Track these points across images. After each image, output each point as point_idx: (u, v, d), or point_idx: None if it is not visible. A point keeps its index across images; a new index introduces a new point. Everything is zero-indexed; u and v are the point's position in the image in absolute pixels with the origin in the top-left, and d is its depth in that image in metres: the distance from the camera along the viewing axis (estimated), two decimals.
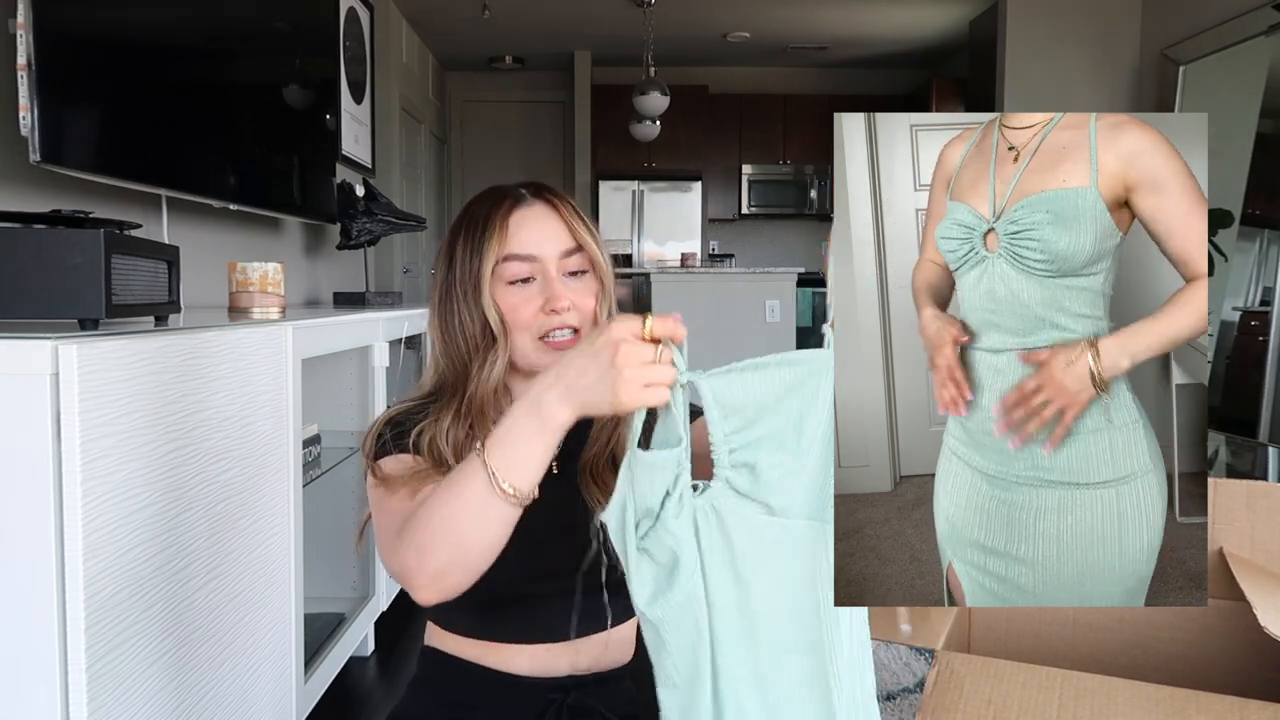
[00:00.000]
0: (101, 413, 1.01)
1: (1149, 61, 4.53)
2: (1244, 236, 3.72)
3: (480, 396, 0.96)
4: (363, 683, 2.07)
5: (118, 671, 1.04)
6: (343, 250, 3.11)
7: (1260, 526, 1.19)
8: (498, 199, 0.98)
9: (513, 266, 0.95)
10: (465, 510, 0.76)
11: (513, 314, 0.95)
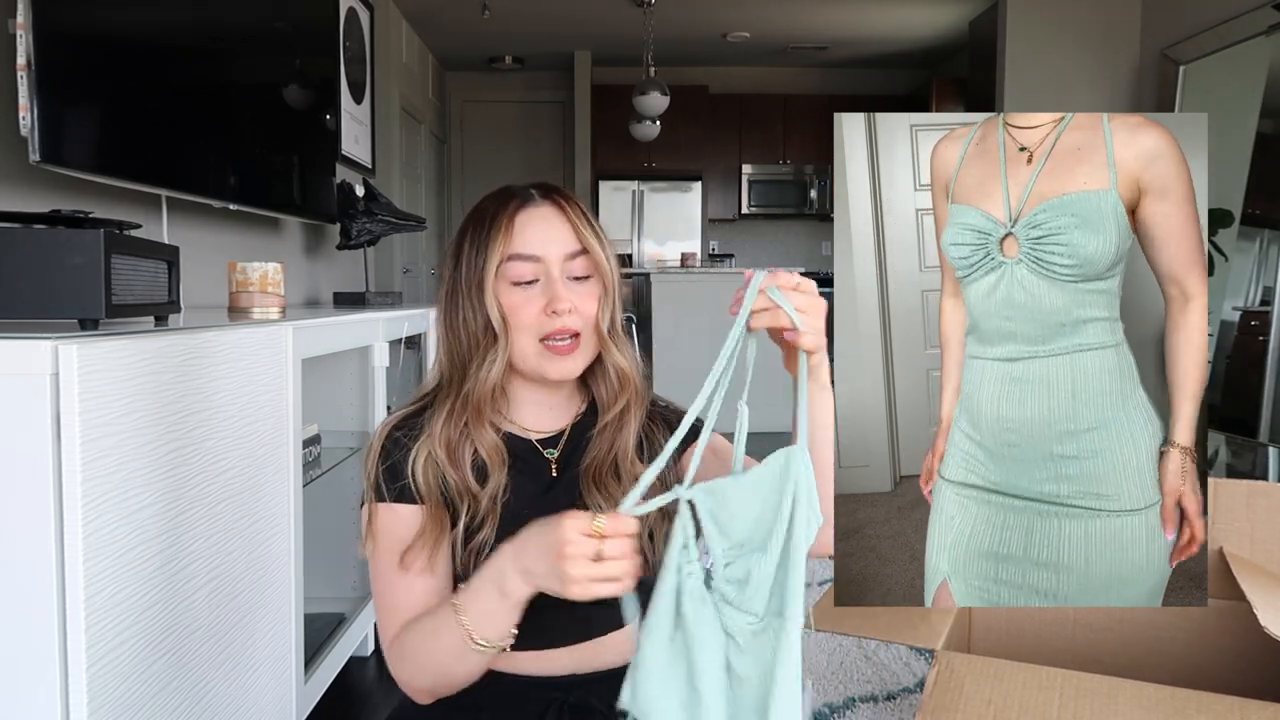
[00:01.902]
0: (101, 413, 1.01)
1: (1149, 61, 4.53)
2: (1244, 236, 3.72)
3: (477, 395, 0.96)
4: (363, 683, 2.07)
5: (118, 671, 1.04)
6: (343, 250, 3.11)
7: (1260, 526, 1.19)
8: (506, 198, 0.98)
9: (516, 266, 0.95)
10: (447, 654, 0.89)
11: (514, 314, 0.95)
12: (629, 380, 1.00)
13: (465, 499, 0.95)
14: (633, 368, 1.00)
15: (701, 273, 5.35)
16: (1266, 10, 3.57)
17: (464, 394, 0.96)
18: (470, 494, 0.95)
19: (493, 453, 0.96)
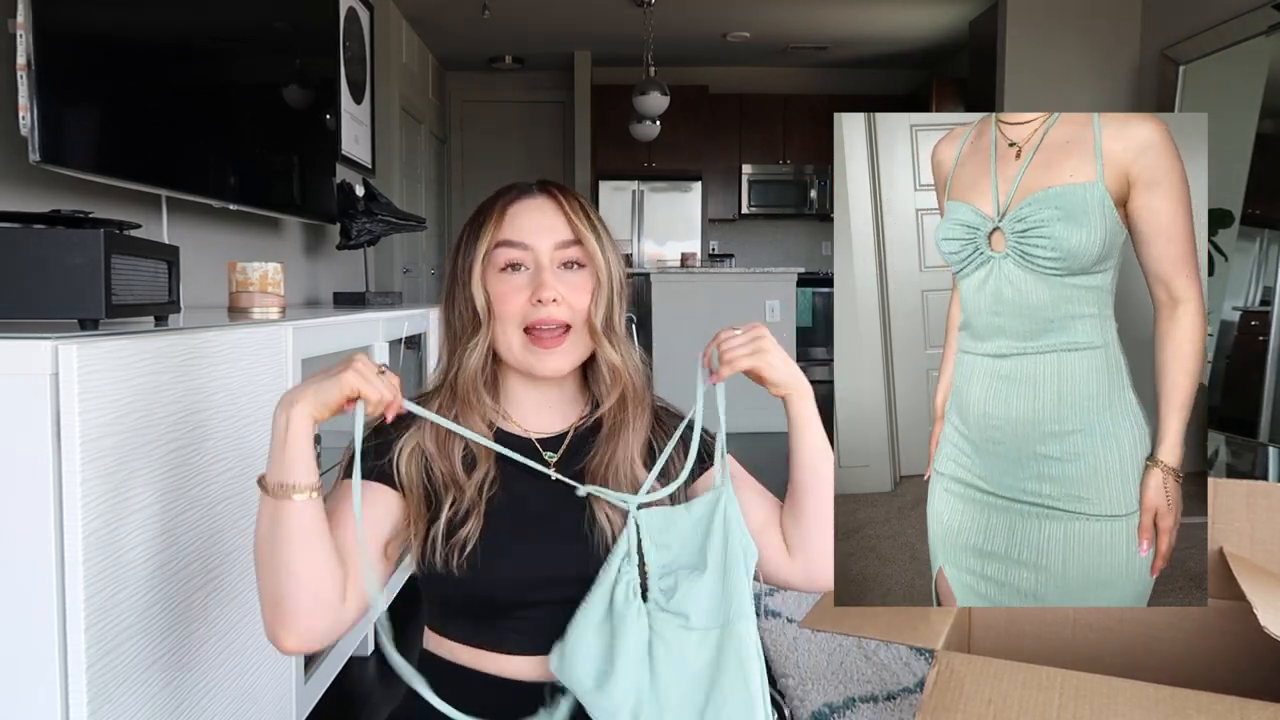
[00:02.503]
0: (101, 413, 1.00)
1: (1149, 61, 4.53)
2: (1244, 236, 3.72)
3: (462, 382, 0.95)
4: (363, 683, 2.07)
5: (118, 671, 1.04)
6: (343, 250, 3.11)
7: (1260, 526, 1.19)
8: (504, 191, 0.98)
9: (504, 252, 0.94)
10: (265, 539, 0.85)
11: (500, 302, 0.93)
12: (620, 377, 0.96)
13: (451, 490, 0.93)
14: (629, 367, 0.97)
15: (701, 273, 5.34)
16: (1266, 10, 3.57)
17: (449, 383, 0.96)
18: (456, 484, 0.93)
19: (479, 447, 0.95)
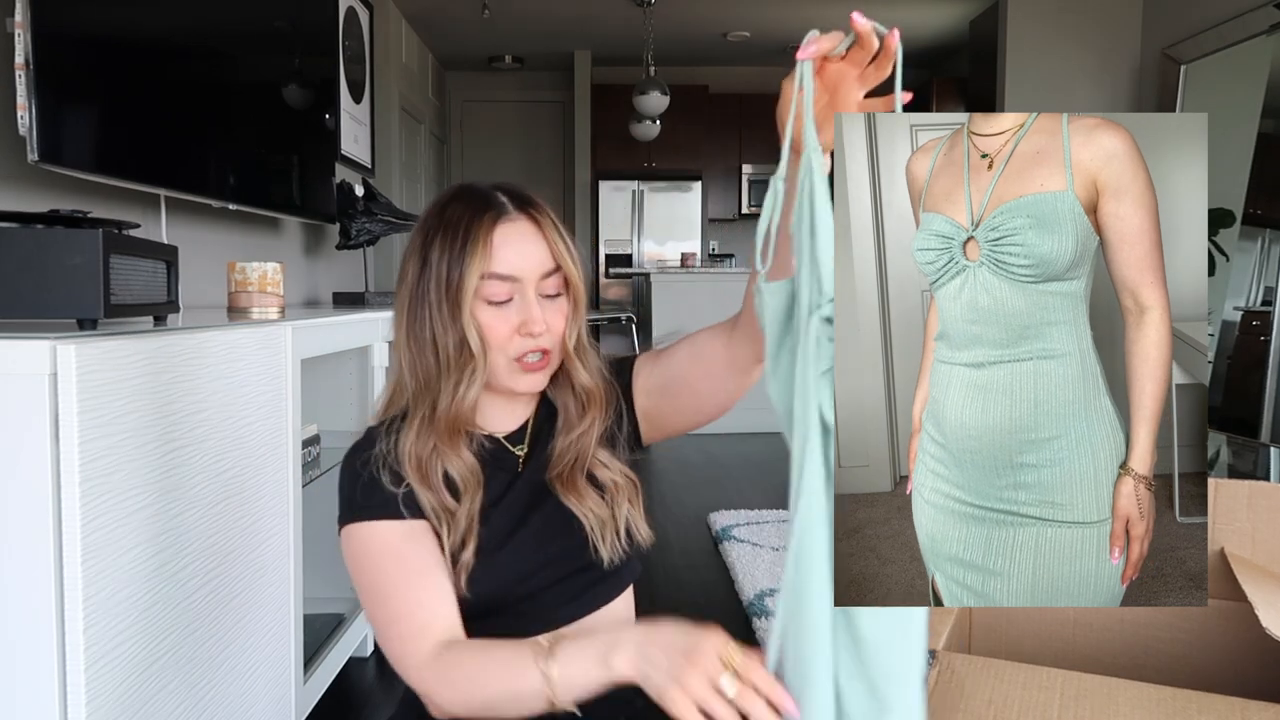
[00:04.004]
0: (100, 413, 1.00)
1: (1149, 61, 4.53)
2: (1245, 236, 3.72)
3: (452, 415, 0.93)
4: (362, 683, 2.07)
5: (116, 672, 1.04)
6: (342, 250, 3.11)
7: (1261, 526, 1.19)
8: (478, 207, 0.94)
9: (493, 285, 0.92)
10: (507, 693, 0.82)
11: (488, 333, 0.93)
12: (594, 398, 0.99)
13: (443, 519, 0.93)
14: (597, 383, 1.00)
15: (701, 273, 5.35)
16: (1268, 9, 3.57)
17: (437, 414, 0.94)
18: (449, 512, 0.93)
19: (467, 476, 0.94)
